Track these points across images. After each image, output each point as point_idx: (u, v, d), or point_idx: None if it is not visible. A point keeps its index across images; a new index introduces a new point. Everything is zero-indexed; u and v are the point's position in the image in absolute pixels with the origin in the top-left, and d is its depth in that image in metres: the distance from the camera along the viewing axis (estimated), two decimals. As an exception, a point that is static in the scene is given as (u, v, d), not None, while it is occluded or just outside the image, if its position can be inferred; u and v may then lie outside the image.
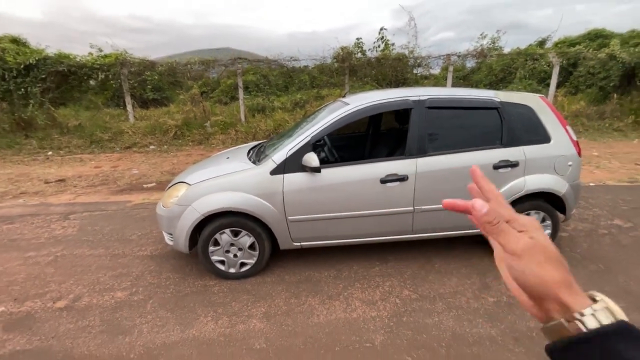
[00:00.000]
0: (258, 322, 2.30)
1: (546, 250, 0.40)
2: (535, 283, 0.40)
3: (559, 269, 0.40)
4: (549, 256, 0.40)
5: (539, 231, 0.42)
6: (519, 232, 0.42)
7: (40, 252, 3.35)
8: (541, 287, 0.40)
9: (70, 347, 2.12)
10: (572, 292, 0.39)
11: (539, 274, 0.40)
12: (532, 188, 2.74)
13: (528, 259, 0.40)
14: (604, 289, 2.39)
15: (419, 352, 2.00)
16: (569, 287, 0.39)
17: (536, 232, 0.42)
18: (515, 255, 0.41)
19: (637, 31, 12.34)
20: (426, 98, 2.71)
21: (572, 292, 0.39)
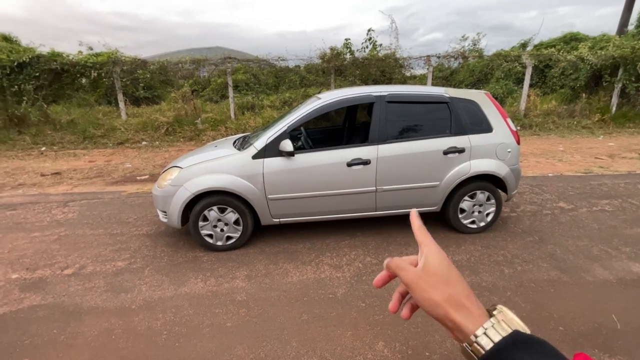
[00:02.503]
0: (241, 282, 2.71)
1: (430, 275, 0.44)
2: (426, 308, 0.44)
3: (442, 290, 0.42)
4: (431, 281, 0.43)
5: (431, 257, 0.45)
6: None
7: (44, 233, 3.70)
8: (432, 311, 0.43)
9: (79, 302, 2.51)
10: (461, 310, 0.41)
11: (424, 299, 0.43)
12: (477, 171, 3.21)
13: (415, 289, 0.44)
14: (533, 254, 2.90)
15: (372, 300, 2.45)
16: (455, 305, 0.41)
17: (429, 259, 0.45)
18: (408, 287, 0.46)
19: (607, 35, 13.08)
20: (386, 94, 3.16)
21: (460, 309, 0.41)
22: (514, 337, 0.38)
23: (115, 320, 2.30)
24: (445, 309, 0.42)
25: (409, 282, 0.45)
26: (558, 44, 13.58)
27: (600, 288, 2.55)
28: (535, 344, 0.37)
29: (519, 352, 0.36)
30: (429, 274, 0.44)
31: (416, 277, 0.45)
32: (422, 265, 0.45)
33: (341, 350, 2.00)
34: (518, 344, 0.37)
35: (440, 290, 0.43)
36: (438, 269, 0.44)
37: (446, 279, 0.43)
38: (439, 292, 0.43)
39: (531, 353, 0.36)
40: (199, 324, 2.24)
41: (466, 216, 3.38)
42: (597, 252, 3.05)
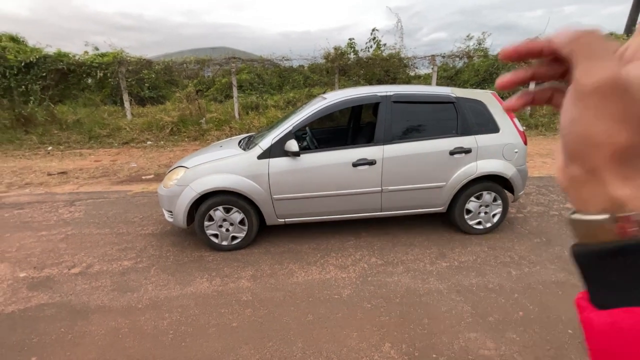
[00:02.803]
0: (246, 282, 2.72)
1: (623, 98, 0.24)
2: (575, 137, 0.26)
3: (626, 130, 0.24)
4: (622, 110, 0.24)
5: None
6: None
7: (51, 232, 3.73)
8: (581, 148, 0.26)
9: (87, 301, 2.52)
10: (625, 176, 0.25)
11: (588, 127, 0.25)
12: (483, 171, 3.18)
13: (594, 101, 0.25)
14: (540, 256, 2.87)
15: (377, 300, 2.44)
16: (622, 161, 0.25)
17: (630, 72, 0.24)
18: (577, 93, 0.26)
19: (615, 34, 12.93)
20: (392, 93, 3.15)
21: (625, 175, 0.25)
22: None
23: (121, 319, 2.31)
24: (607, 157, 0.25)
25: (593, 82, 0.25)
26: (564, 43, 13.43)
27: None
28: None
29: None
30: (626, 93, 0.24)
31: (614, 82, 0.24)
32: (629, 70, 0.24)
33: (347, 351, 1.99)
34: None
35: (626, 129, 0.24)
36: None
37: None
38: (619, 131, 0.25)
39: None
40: (205, 324, 2.24)
41: (472, 217, 3.36)
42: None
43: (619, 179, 0.25)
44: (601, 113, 0.25)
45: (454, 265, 2.89)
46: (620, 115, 0.24)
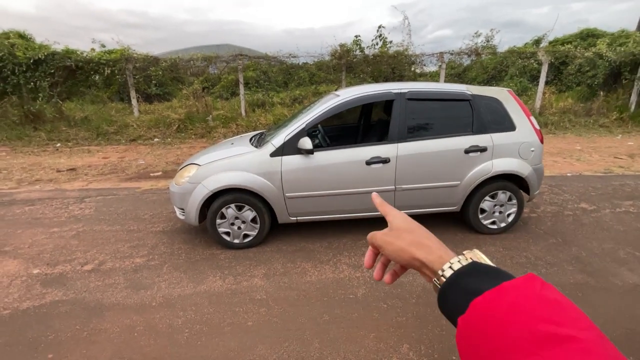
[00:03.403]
0: (259, 280, 2.70)
1: (394, 230, 0.52)
2: (396, 258, 0.51)
3: (406, 238, 0.50)
4: (398, 234, 0.51)
5: (395, 218, 0.54)
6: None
7: (62, 228, 3.74)
8: (400, 257, 0.50)
9: (100, 298, 2.52)
10: (422, 248, 0.48)
11: (393, 250, 0.51)
12: (499, 170, 3.13)
13: (385, 246, 0.52)
14: (557, 257, 2.82)
15: (393, 301, 2.41)
16: (417, 245, 0.48)
17: (393, 219, 0.54)
18: (380, 248, 0.53)
19: (626, 31, 12.71)
20: (406, 91, 3.10)
21: (422, 248, 0.48)
22: (471, 265, 0.42)
23: (136, 317, 2.30)
24: (410, 250, 0.48)
25: (380, 242, 0.53)
26: (574, 41, 13.26)
27: (630, 293, 2.46)
28: (490, 271, 0.40)
29: (471, 277, 0.40)
30: (394, 230, 0.52)
31: (384, 236, 0.53)
32: (389, 226, 0.54)
33: (365, 352, 1.97)
34: (473, 271, 0.41)
35: (404, 237, 0.50)
36: (400, 224, 0.53)
37: (408, 229, 0.51)
38: (402, 239, 0.50)
39: (482, 277, 0.39)
40: (219, 323, 2.23)
41: (486, 216, 3.31)
42: (624, 256, 2.96)
43: (425, 254, 0.47)
44: (393, 240, 0.51)
45: (469, 266, 2.84)
46: (399, 236, 0.51)
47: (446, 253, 0.46)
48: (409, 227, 0.52)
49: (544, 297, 0.34)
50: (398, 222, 0.53)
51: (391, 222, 0.54)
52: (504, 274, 0.39)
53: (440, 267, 0.44)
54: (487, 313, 0.35)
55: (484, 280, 0.38)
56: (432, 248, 0.47)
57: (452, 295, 0.41)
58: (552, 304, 0.33)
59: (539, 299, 0.33)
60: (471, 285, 0.39)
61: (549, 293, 0.34)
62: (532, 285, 0.35)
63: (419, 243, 0.49)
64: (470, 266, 0.42)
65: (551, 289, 0.35)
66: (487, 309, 0.35)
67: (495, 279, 0.38)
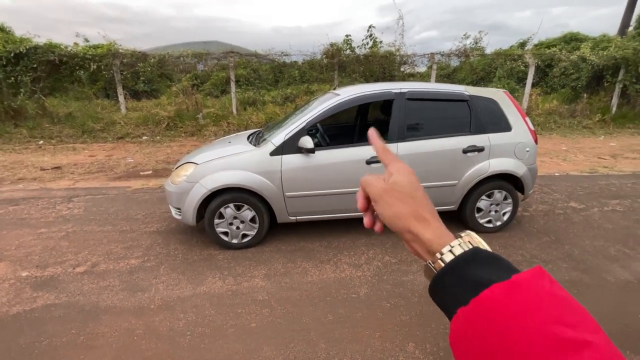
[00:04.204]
0: (260, 281, 2.66)
1: (396, 190, 0.44)
2: (389, 220, 0.44)
3: (407, 204, 0.43)
4: (399, 196, 0.44)
5: (399, 174, 0.45)
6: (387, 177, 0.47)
7: (51, 229, 3.60)
8: (394, 222, 0.44)
9: (96, 301, 2.44)
10: (422, 222, 0.42)
11: (389, 212, 0.44)
12: (496, 170, 3.19)
13: (381, 202, 0.45)
14: (551, 254, 2.88)
15: (396, 300, 2.42)
16: (418, 218, 0.42)
17: (396, 176, 0.45)
18: (374, 201, 0.46)
19: (607, 36, 13.16)
20: (406, 90, 3.11)
21: (422, 222, 0.42)
22: (473, 253, 0.38)
23: (135, 320, 2.23)
24: (408, 220, 0.43)
25: (376, 195, 0.46)
26: (559, 44, 13.64)
27: (623, 289, 2.55)
28: (493, 260, 0.37)
29: (474, 265, 0.37)
30: (396, 189, 0.45)
31: (383, 191, 0.45)
32: (391, 180, 0.45)
33: (372, 352, 1.96)
34: (476, 258, 0.38)
35: (406, 203, 0.44)
36: (404, 184, 0.45)
37: (410, 194, 0.44)
38: (402, 204, 0.44)
39: (486, 267, 0.36)
40: (222, 325, 2.19)
41: (483, 215, 3.36)
42: (614, 253, 3.06)
43: (422, 229, 0.42)
44: (392, 201, 0.44)
45: (467, 264, 2.89)
46: (400, 198, 0.44)
47: (445, 233, 0.42)
48: (413, 192, 0.44)
49: (555, 295, 0.32)
50: (402, 181, 0.45)
51: (393, 176, 0.45)
52: (509, 264, 0.36)
53: (440, 248, 0.40)
54: (495, 309, 0.32)
55: (489, 271, 0.35)
56: (431, 224, 0.42)
57: (451, 284, 0.37)
58: (564, 303, 0.31)
59: (551, 297, 0.31)
60: (475, 274, 0.36)
61: (558, 290, 0.33)
62: (542, 281, 0.33)
63: (419, 214, 0.42)
64: (473, 252, 0.38)
65: (558, 286, 0.34)
66: (496, 305, 0.32)
67: (502, 270, 0.35)
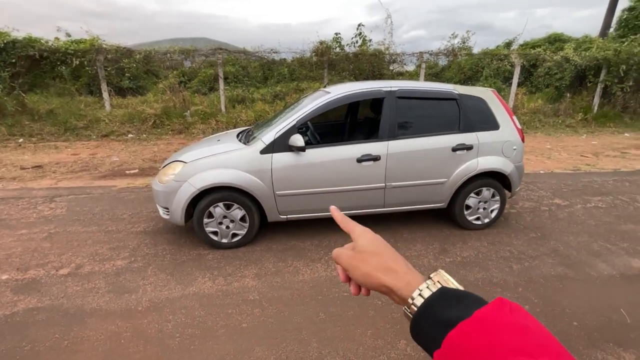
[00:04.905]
0: (251, 281, 2.63)
1: (360, 252, 0.49)
2: (363, 283, 0.49)
3: (372, 262, 0.47)
4: (363, 257, 0.48)
5: (359, 237, 0.51)
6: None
7: (32, 230, 3.48)
8: (368, 283, 0.48)
9: (81, 304, 2.36)
10: (389, 273, 0.46)
11: (359, 275, 0.48)
12: (484, 168, 3.23)
13: (350, 269, 0.50)
14: (538, 250, 2.94)
15: (387, 297, 2.42)
16: (384, 270, 0.46)
17: (357, 240, 0.51)
18: (346, 270, 0.51)
19: (589, 37, 13.53)
20: (396, 89, 3.12)
21: (389, 273, 0.46)
22: (440, 292, 0.41)
23: (122, 323, 2.17)
24: (377, 276, 0.46)
25: (345, 265, 0.50)
26: (543, 44, 13.95)
27: (606, 283, 2.62)
28: (459, 297, 0.40)
29: (443, 305, 0.40)
30: (359, 252, 0.49)
31: (349, 259, 0.50)
32: (353, 247, 0.51)
33: (364, 349, 1.97)
34: (444, 297, 0.41)
35: (370, 261, 0.48)
36: (366, 245, 0.50)
37: (374, 252, 0.48)
38: (368, 264, 0.48)
39: (453, 305, 0.39)
40: (212, 325, 2.15)
41: (471, 213, 3.41)
42: (597, 248, 3.15)
43: (391, 279, 0.46)
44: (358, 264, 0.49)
45: (457, 261, 2.92)
46: (364, 259, 0.48)
47: (414, 277, 0.45)
48: (375, 249, 0.49)
49: (516, 325, 0.35)
50: (363, 243, 0.50)
51: (356, 241, 0.51)
52: (473, 299, 0.39)
53: (410, 294, 0.43)
54: (463, 347, 0.35)
55: (455, 308, 0.38)
56: (399, 273, 0.45)
57: (426, 326, 0.40)
58: (524, 331, 0.34)
59: (511, 328, 0.34)
60: (443, 314, 0.39)
61: (519, 318, 0.36)
62: (503, 312, 0.36)
63: (386, 267, 0.46)
64: (439, 292, 0.41)
65: (520, 312, 0.37)
66: (463, 343, 0.35)
67: (466, 305, 0.38)
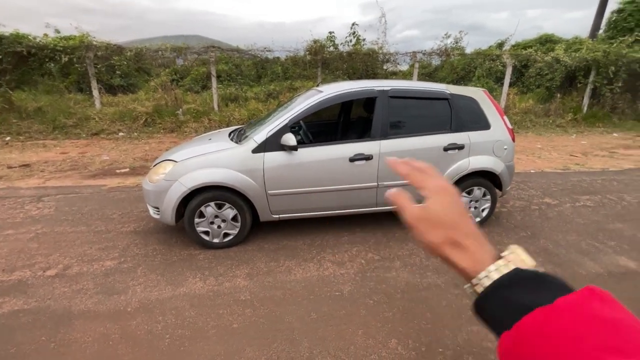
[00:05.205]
0: (242, 281, 2.62)
1: (429, 217, 0.43)
2: (426, 250, 0.44)
3: (440, 232, 0.42)
4: (431, 223, 0.43)
5: (433, 198, 0.44)
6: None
7: (19, 230, 3.41)
8: (431, 253, 0.43)
9: (68, 305, 2.32)
10: (458, 250, 0.41)
11: (424, 242, 0.43)
12: (475, 167, 3.26)
13: (415, 229, 0.44)
14: (528, 249, 2.99)
15: (379, 296, 2.43)
16: (452, 245, 0.41)
17: (429, 200, 0.44)
18: (409, 228, 0.45)
19: (579, 38, 13.73)
20: (389, 88, 3.12)
21: (458, 249, 0.41)
22: (514, 275, 0.37)
23: (110, 324, 2.14)
24: (442, 248, 0.42)
25: (409, 222, 0.45)
26: (534, 45, 14.12)
27: (594, 281, 2.66)
28: (537, 280, 0.36)
29: (516, 288, 0.36)
30: (428, 216, 0.43)
31: (415, 219, 0.44)
32: (424, 206, 0.44)
33: (355, 349, 1.97)
34: (517, 281, 0.37)
35: (438, 231, 0.42)
36: (438, 212, 0.43)
37: (445, 222, 0.42)
38: (436, 233, 0.42)
39: (529, 289, 0.35)
40: (203, 326, 2.13)
41: (463, 212, 3.43)
42: (585, 247, 3.20)
43: (457, 256, 0.42)
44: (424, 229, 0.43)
45: (448, 260, 2.94)
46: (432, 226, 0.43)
47: (482, 258, 0.40)
48: (448, 220, 0.42)
49: (608, 319, 0.30)
50: (435, 208, 0.43)
51: (427, 202, 0.44)
52: (555, 283, 0.35)
53: (475, 274, 0.39)
54: (539, 335, 0.31)
55: (532, 292, 0.34)
56: (468, 250, 0.41)
57: (493, 308, 0.37)
58: (617, 326, 0.30)
59: (602, 322, 0.30)
60: (516, 298, 0.35)
61: (609, 311, 0.31)
62: (591, 303, 0.32)
63: (454, 241, 0.41)
64: (514, 274, 0.37)
65: (613, 304, 0.32)
66: (539, 331, 0.31)
67: (546, 290, 0.34)
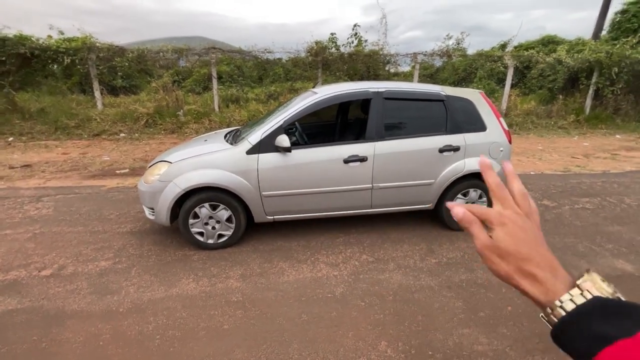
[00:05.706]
0: (235, 282, 2.62)
1: (496, 248, 0.42)
2: (496, 276, 0.44)
3: (509, 263, 0.41)
4: (499, 253, 0.42)
5: (502, 227, 0.43)
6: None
7: (17, 230, 3.44)
8: (502, 280, 0.43)
9: (61, 305, 2.34)
10: (530, 281, 0.40)
11: (494, 270, 0.43)
12: (471, 169, 3.24)
13: (485, 258, 0.44)
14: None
15: (371, 298, 2.43)
16: (523, 275, 0.41)
17: (498, 230, 0.43)
18: (479, 255, 0.45)
19: (582, 39, 13.63)
20: (384, 90, 3.12)
21: (530, 280, 0.40)
22: (594, 304, 0.36)
23: (102, 324, 2.15)
24: (513, 280, 0.42)
25: (479, 250, 0.44)
26: (536, 46, 14.04)
27: (589, 284, 2.64)
28: (620, 311, 0.35)
29: (595, 318, 0.35)
30: (497, 246, 0.42)
31: (485, 248, 0.43)
32: (494, 236, 0.43)
33: (344, 351, 1.96)
34: (598, 310, 0.35)
35: (508, 263, 0.42)
36: (508, 240, 0.42)
37: (514, 251, 0.41)
38: (506, 265, 0.42)
39: (610, 317, 0.34)
40: (194, 327, 2.14)
41: (459, 214, 3.41)
42: (582, 249, 3.17)
43: (528, 285, 0.41)
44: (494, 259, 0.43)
45: (443, 262, 2.93)
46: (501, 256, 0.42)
47: (556, 285, 0.39)
48: (516, 250, 0.41)
49: None
50: (502, 237, 0.42)
51: (498, 231, 0.43)
52: (638, 312, 0.34)
53: (548, 304, 0.39)
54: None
55: (613, 322, 0.33)
56: (540, 280, 0.40)
57: (572, 337, 0.36)
58: None
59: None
60: (598, 328, 0.34)
61: None
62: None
63: (524, 271, 0.41)
64: (593, 304, 0.36)
65: None
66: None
67: (628, 320, 0.33)
